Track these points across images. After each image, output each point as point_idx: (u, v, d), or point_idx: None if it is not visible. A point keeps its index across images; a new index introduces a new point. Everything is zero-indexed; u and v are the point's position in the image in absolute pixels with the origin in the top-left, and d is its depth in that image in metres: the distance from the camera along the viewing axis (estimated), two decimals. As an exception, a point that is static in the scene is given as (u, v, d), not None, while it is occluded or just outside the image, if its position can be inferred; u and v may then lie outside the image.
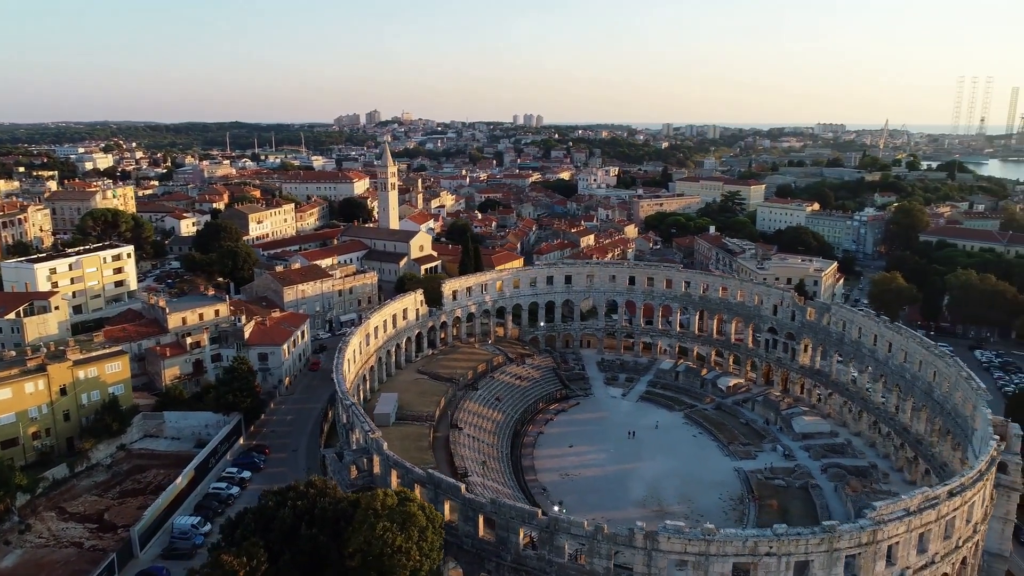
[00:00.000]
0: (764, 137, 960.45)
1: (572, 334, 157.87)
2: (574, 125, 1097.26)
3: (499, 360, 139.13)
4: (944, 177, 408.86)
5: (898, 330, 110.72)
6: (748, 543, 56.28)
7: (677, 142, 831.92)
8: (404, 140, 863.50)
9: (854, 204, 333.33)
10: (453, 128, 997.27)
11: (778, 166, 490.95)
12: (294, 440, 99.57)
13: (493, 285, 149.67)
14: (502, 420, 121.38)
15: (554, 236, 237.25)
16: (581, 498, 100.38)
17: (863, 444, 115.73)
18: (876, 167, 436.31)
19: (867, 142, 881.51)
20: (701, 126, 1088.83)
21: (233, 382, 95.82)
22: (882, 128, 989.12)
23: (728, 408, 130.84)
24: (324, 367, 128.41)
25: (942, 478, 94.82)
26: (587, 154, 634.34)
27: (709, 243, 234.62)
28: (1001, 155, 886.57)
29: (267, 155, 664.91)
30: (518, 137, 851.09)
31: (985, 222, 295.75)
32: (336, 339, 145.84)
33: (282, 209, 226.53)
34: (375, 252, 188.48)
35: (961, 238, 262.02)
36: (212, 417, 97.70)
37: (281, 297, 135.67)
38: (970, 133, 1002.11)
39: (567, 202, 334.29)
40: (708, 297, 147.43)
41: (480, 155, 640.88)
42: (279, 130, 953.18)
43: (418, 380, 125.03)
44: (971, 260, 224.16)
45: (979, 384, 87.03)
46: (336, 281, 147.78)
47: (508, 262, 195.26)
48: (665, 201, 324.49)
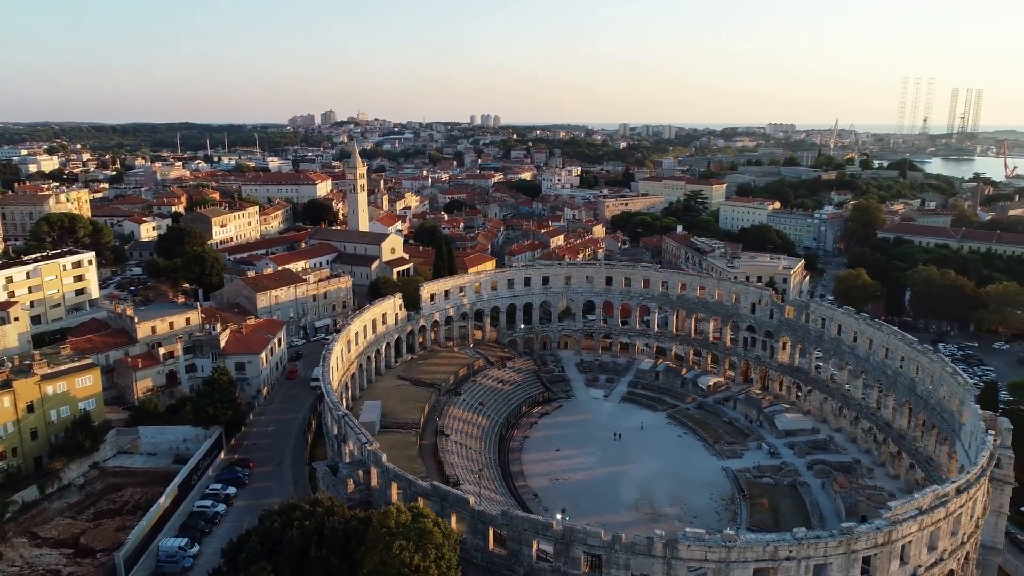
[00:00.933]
0: (718, 137, 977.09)
1: (550, 336, 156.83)
2: (532, 125, 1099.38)
3: (480, 364, 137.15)
4: (896, 175, 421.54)
5: (879, 327, 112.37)
6: (768, 548, 55.69)
7: (634, 142, 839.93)
8: (361, 141, 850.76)
9: (812, 202, 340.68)
10: (410, 128, 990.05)
11: (736, 165, 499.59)
12: (278, 452, 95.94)
13: (471, 287, 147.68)
14: (487, 425, 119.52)
15: (524, 237, 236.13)
16: (573, 502, 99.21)
17: (844, 440, 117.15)
18: (831, 166, 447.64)
19: (817, 141, 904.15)
20: (657, 126, 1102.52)
21: (213, 394, 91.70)
22: (831, 128, 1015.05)
23: (710, 407, 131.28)
24: (302, 375, 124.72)
25: (928, 472, 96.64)
26: (547, 154, 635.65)
27: (678, 242, 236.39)
28: (943, 154, 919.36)
29: (220, 156, 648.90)
30: (476, 137, 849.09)
31: (937, 219, 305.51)
32: (312, 346, 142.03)
33: (246, 212, 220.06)
34: (345, 255, 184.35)
35: (916, 235, 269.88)
36: (191, 431, 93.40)
37: (254, 303, 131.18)
38: (914, 133, 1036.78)
39: (532, 202, 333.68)
40: (686, 296, 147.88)
41: (440, 156, 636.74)
42: (231, 131, 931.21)
43: (400, 386, 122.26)
44: (928, 256, 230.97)
45: (966, 379, 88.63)
46: (310, 286, 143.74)
47: (481, 264, 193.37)
48: (630, 201, 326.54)
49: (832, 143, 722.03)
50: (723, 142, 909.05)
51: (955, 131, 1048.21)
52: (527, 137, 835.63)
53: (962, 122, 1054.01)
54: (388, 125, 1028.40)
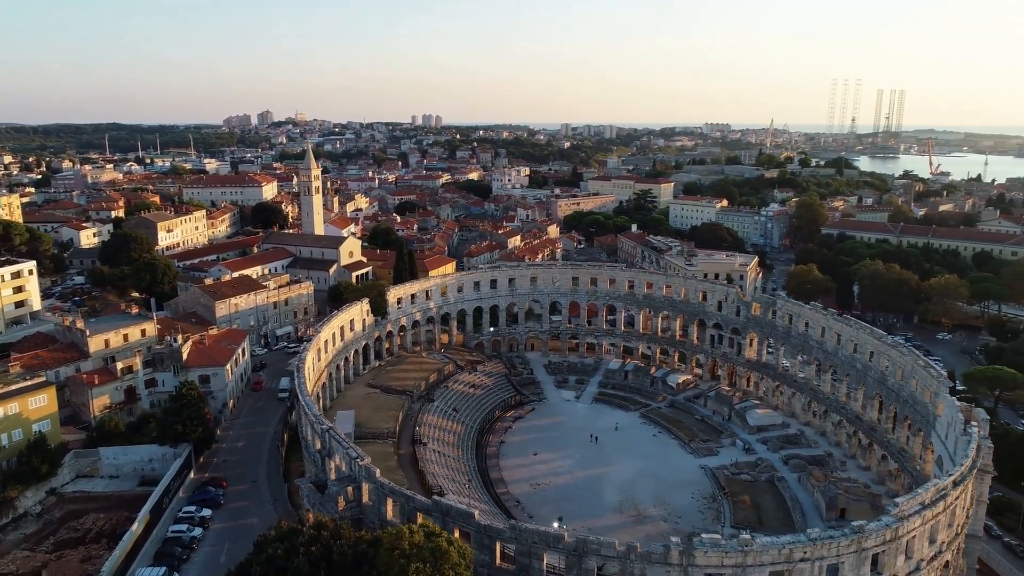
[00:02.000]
0: (658, 137, 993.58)
1: (517, 338, 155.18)
2: (474, 125, 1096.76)
3: (450, 369, 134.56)
4: (833, 173, 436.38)
5: (847, 322, 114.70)
6: (784, 551, 55.39)
7: (577, 142, 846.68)
8: (300, 141, 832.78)
9: (757, 200, 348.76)
10: (351, 129, 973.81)
11: (681, 165, 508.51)
12: (251, 469, 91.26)
13: (437, 291, 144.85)
14: (462, 431, 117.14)
15: (481, 238, 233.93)
16: (556, 508, 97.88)
17: (814, 433, 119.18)
18: (772, 164, 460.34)
19: (752, 140, 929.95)
20: (598, 126, 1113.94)
21: (181, 410, 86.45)
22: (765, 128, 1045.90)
23: (681, 405, 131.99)
24: (267, 386, 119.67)
25: (901, 463, 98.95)
26: (493, 155, 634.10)
27: (633, 241, 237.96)
28: (870, 152, 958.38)
29: (153, 158, 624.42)
30: (419, 138, 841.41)
31: (874, 215, 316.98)
32: (274, 355, 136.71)
33: (193, 216, 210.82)
34: (301, 259, 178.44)
35: (858, 230, 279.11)
36: (156, 450, 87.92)
37: (212, 312, 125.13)
38: (843, 132, 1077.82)
39: (484, 203, 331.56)
40: (652, 295, 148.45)
41: (384, 156, 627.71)
42: (163, 131, 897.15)
43: (370, 394, 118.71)
44: (871, 251, 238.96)
45: (940, 372, 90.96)
46: (270, 292, 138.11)
47: (441, 266, 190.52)
48: (582, 200, 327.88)
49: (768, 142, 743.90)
50: (663, 141, 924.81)
51: (880, 130, 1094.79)
52: (471, 137, 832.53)
53: (887, 122, 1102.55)
54: (328, 125, 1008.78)
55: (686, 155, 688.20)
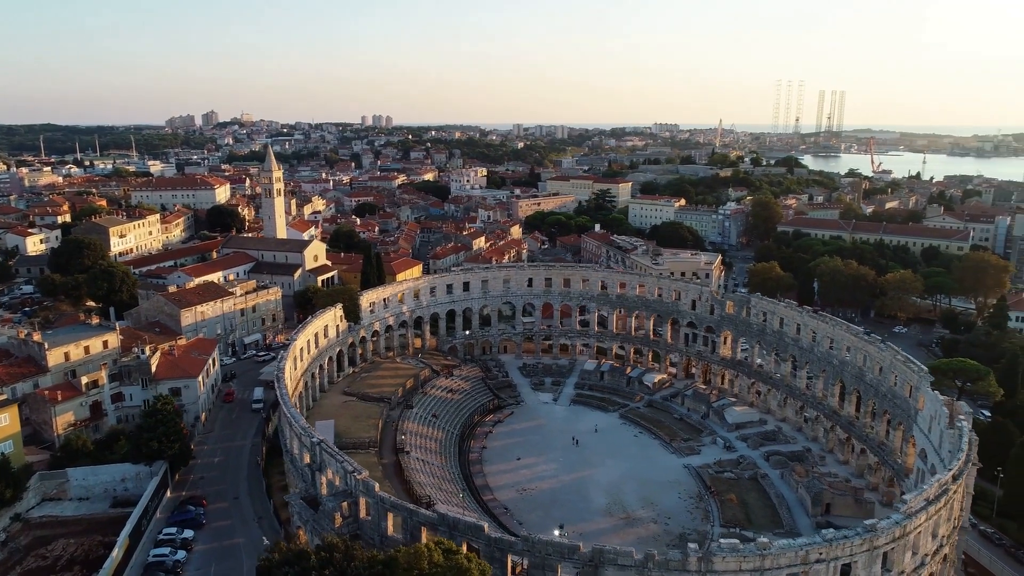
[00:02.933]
0: (609, 137, 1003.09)
1: (491, 340, 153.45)
2: (426, 126, 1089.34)
3: (426, 374, 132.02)
4: (784, 172, 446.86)
5: (823, 319, 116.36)
6: (800, 553, 55.19)
7: (530, 142, 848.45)
8: (247, 142, 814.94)
9: (712, 199, 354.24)
10: (300, 129, 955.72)
11: (636, 164, 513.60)
12: (231, 485, 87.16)
13: (410, 294, 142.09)
14: (443, 438, 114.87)
15: (445, 239, 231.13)
16: (546, 513, 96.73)
17: (791, 429, 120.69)
18: (726, 164, 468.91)
19: (701, 140, 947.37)
20: (550, 127, 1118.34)
21: (157, 426, 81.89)
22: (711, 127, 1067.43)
23: (659, 405, 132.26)
24: (239, 397, 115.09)
25: (881, 457, 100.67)
26: (447, 155, 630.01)
27: (597, 241, 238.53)
28: (813, 151, 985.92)
29: (93, 160, 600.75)
30: (371, 139, 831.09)
31: (826, 212, 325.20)
32: (243, 364, 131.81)
33: (146, 221, 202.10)
34: (264, 264, 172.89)
35: (812, 228, 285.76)
36: (130, 469, 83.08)
37: (178, 321, 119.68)
38: (787, 132, 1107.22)
39: (444, 204, 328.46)
40: (625, 295, 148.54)
41: (336, 157, 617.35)
42: (102, 132, 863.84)
43: (348, 403, 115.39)
44: (827, 248, 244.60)
45: (920, 367, 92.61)
46: (237, 299, 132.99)
47: (408, 269, 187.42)
48: (542, 200, 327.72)
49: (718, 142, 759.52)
50: (614, 141, 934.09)
51: (823, 130, 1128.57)
52: (423, 138, 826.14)
53: (829, 122, 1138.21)
54: (276, 126, 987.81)
55: (638, 155, 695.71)
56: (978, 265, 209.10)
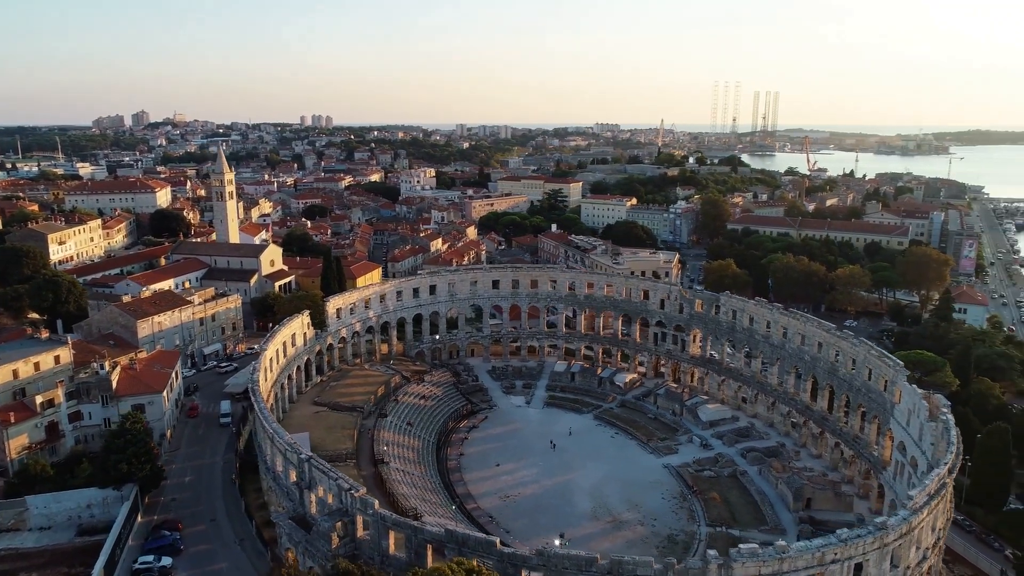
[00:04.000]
0: (552, 136, 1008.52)
1: (458, 344, 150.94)
2: (367, 126, 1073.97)
3: (397, 381, 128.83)
4: (728, 171, 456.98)
5: (793, 315, 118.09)
6: (816, 554, 55.07)
7: (474, 142, 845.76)
8: (182, 143, 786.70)
9: (661, 198, 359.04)
10: (236, 130, 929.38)
11: (584, 164, 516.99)
12: (207, 506, 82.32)
13: (376, 299, 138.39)
14: (420, 446, 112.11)
15: (402, 242, 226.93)
16: (532, 520, 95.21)
17: (763, 425, 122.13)
18: (672, 163, 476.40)
19: (642, 140, 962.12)
20: (493, 127, 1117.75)
21: (126, 447, 76.52)
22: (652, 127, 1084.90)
23: (632, 404, 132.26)
24: (203, 411, 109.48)
25: (857, 449, 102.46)
26: (392, 156, 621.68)
27: (555, 241, 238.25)
28: (749, 150, 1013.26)
29: (15, 163, 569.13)
30: (312, 139, 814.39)
31: (771, 210, 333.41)
32: (204, 376, 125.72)
33: (88, 227, 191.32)
34: (217, 270, 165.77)
35: (761, 225, 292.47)
36: (96, 494, 77.49)
37: (134, 332, 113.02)
38: (725, 131, 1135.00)
39: (395, 205, 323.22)
40: (594, 296, 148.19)
41: (277, 158, 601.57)
42: (23, 133, 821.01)
43: (319, 413, 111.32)
44: (777, 245, 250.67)
45: (896, 361, 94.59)
46: (196, 308, 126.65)
47: (368, 273, 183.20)
48: (495, 201, 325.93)
49: (660, 142, 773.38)
50: (557, 141, 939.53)
51: (758, 130, 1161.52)
52: (366, 138, 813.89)
53: (764, 122, 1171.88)
54: (211, 126, 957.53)
55: (582, 154, 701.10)
56: (921, 260, 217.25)
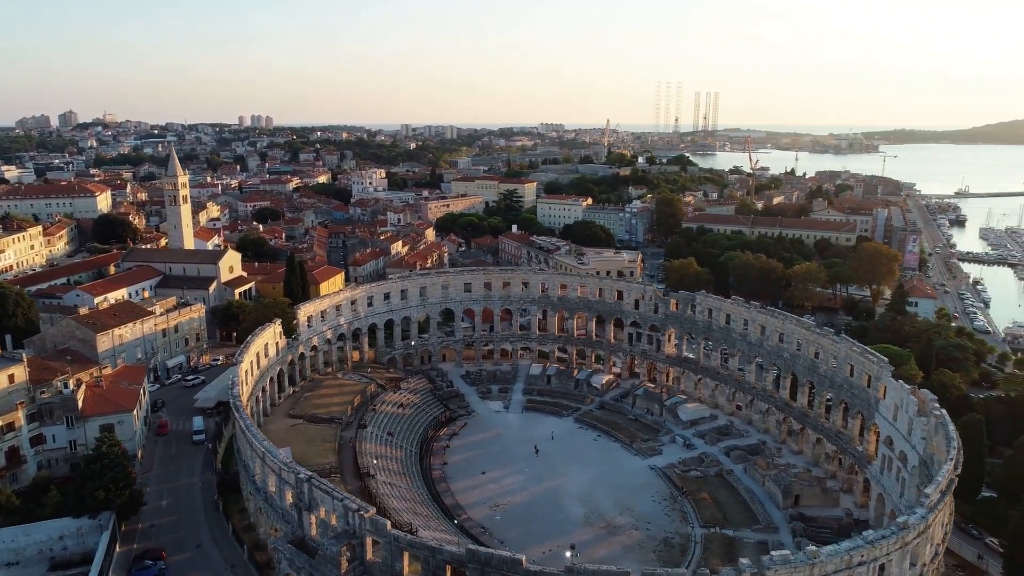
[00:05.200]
0: (498, 136, 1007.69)
1: (430, 349, 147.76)
2: (309, 127, 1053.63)
3: (372, 389, 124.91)
4: (678, 170, 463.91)
5: (771, 313, 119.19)
6: (845, 557, 54.77)
7: (421, 143, 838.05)
8: (114, 145, 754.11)
9: (615, 197, 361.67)
10: (172, 131, 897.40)
11: (536, 164, 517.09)
12: (190, 531, 77.25)
13: (347, 305, 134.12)
14: (403, 457, 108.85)
15: (361, 245, 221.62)
16: (526, 529, 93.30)
17: (742, 423, 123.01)
18: (623, 163, 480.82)
19: (587, 140, 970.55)
20: (439, 127, 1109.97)
21: (103, 472, 70.99)
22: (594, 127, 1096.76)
23: (611, 406, 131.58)
24: (173, 428, 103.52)
25: (840, 445, 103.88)
26: (339, 156, 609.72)
27: (517, 242, 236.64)
28: (691, 150, 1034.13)
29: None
30: (252, 140, 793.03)
31: (722, 208, 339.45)
32: (169, 391, 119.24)
33: (27, 234, 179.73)
34: (173, 278, 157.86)
35: (715, 223, 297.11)
36: (69, 524, 71.72)
37: (93, 347, 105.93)
38: (668, 131, 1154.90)
39: (349, 207, 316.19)
40: (567, 297, 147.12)
41: (219, 160, 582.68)
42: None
43: (296, 426, 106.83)
44: (732, 243, 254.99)
45: (880, 357, 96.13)
46: (158, 319, 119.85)
47: (331, 278, 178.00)
48: (451, 202, 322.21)
49: (606, 141, 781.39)
50: (504, 141, 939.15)
51: (699, 129, 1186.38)
52: (310, 139, 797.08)
53: (705, 122, 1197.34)
54: (145, 127, 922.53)
55: (529, 154, 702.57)
56: (872, 255, 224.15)
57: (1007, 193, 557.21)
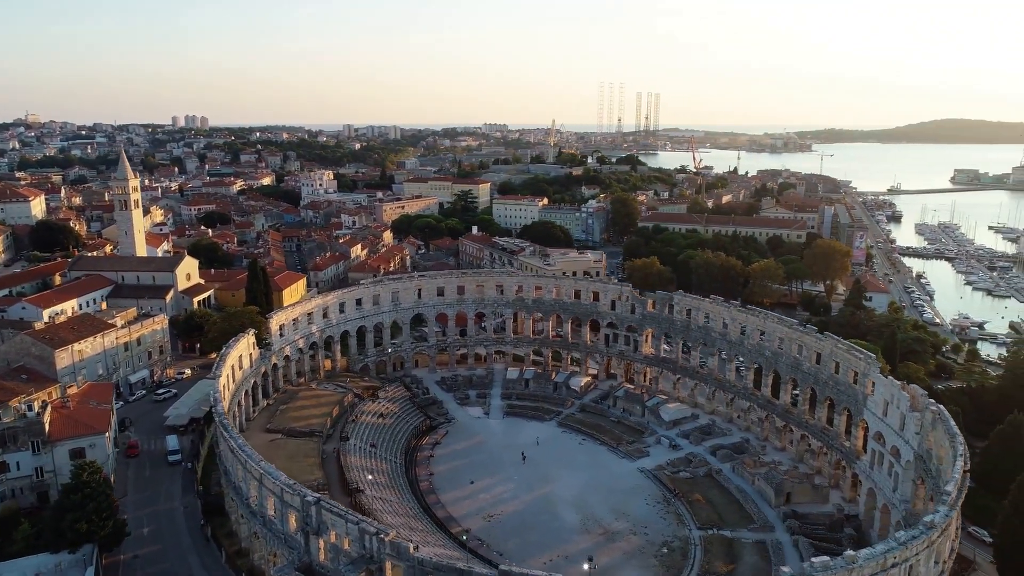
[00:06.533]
0: (443, 137, 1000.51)
1: (403, 356, 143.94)
2: (247, 127, 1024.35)
3: (349, 399, 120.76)
4: (628, 170, 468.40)
5: (752, 312, 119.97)
6: (881, 560, 54.49)
7: (365, 143, 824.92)
8: (38, 146, 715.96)
9: (568, 197, 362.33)
10: (101, 131, 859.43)
11: (486, 164, 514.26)
12: (177, 561, 71.89)
13: (319, 312, 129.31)
14: (389, 469, 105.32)
15: (319, 249, 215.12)
16: (523, 539, 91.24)
17: (723, 421, 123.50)
18: (575, 163, 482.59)
19: (531, 140, 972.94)
20: (381, 127, 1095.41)
21: (85, 502, 65.18)
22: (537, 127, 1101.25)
23: (592, 408, 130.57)
24: (145, 449, 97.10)
25: (825, 441, 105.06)
26: (282, 158, 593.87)
27: (478, 243, 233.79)
28: (633, 149, 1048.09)
29: None
30: (188, 141, 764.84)
31: (675, 207, 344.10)
32: (134, 407, 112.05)
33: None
34: (126, 287, 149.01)
35: (670, 222, 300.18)
36: (47, 560, 65.58)
37: (51, 364, 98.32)
38: (611, 131, 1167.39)
39: (300, 210, 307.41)
40: (542, 299, 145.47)
41: (155, 162, 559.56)
42: None
43: (275, 441, 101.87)
44: (688, 242, 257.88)
45: (867, 354, 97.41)
46: (120, 332, 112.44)
47: (294, 284, 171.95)
48: (406, 203, 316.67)
49: (552, 142, 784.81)
50: (448, 142, 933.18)
51: (641, 129, 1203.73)
52: (250, 139, 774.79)
53: (646, 122, 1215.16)
54: (71, 128, 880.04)
55: (475, 154, 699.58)
56: (826, 252, 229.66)
57: (935, 190, 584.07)
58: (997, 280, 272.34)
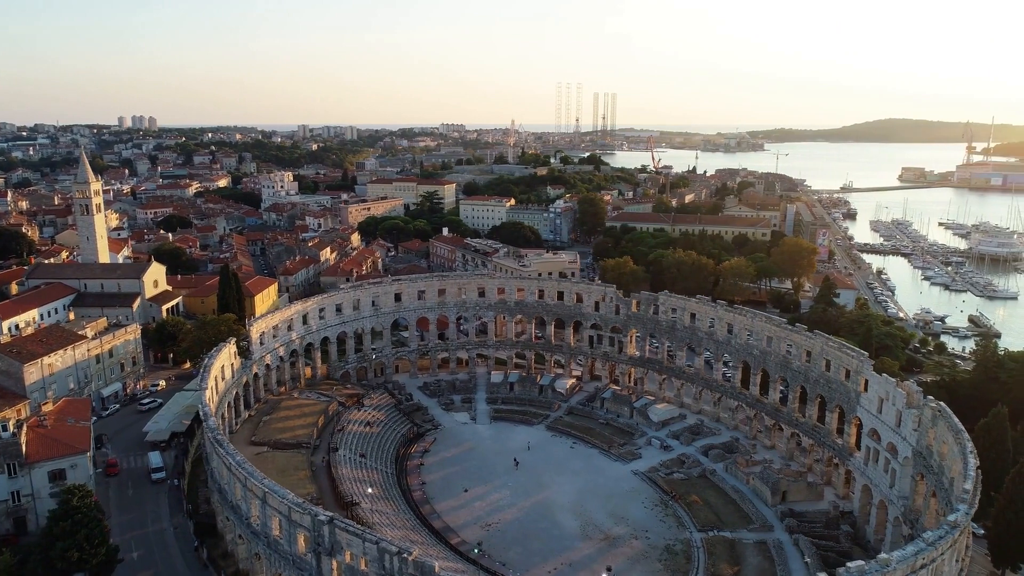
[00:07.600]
0: (400, 137, 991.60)
1: (384, 362, 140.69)
2: (197, 128, 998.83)
3: (334, 407, 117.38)
4: (591, 169, 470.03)
5: (739, 311, 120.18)
6: (911, 562, 54.31)
7: (321, 144, 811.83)
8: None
9: (534, 196, 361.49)
10: (43, 132, 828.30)
11: (449, 165, 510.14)
12: (171, 587, 68.24)
13: (299, 319, 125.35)
14: (381, 479, 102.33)
15: (288, 253, 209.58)
16: (525, 548, 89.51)
17: (711, 421, 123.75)
18: (539, 163, 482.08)
19: (489, 140, 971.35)
20: (337, 127, 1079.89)
21: (76, 530, 60.75)
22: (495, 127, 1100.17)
23: (580, 411, 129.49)
24: (125, 467, 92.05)
25: (817, 439, 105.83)
26: (238, 159, 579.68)
27: (450, 245, 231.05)
28: (591, 148, 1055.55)
29: None
30: (136, 142, 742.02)
31: (641, 207, 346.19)
32: (108, 423, 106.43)
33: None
34: (89, 296, 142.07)
35: (637, 222, 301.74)
36: (33, 592, 61.40)
37: (20, 379, 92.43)
38: (569, 131, 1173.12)
39: (262, 212, 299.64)
40: (525, 301, 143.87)
41: (104, 164, 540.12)
42: None
43: (261, 455, 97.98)
44: (657, 241, 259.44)
45: (860, 352, 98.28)
46: (91, 343, 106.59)
47: (265, 289, 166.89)
48: (372, 205, 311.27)
49: (511, 142, 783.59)
50: (406, 142, 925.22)
51: (598, 129, 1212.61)
52: (202, 140, 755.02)
53: (603, 122, 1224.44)
54: (10, 129, 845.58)
55: (434, 155, 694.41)
56: (794, 249, 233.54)
57: (886, 187, 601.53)
58: (953, 275, 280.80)
